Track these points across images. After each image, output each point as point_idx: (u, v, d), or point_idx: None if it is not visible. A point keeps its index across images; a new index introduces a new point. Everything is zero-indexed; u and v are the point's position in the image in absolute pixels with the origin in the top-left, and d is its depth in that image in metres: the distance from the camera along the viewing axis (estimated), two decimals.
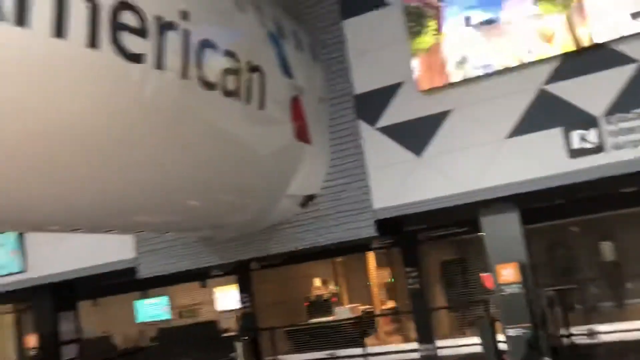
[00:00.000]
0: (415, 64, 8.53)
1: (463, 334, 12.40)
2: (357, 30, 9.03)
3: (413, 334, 12.50)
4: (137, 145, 5.80)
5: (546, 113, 7.83)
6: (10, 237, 12.20)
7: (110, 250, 11.01)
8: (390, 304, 14.92)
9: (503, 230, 8.59)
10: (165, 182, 6.66)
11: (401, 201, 8.62)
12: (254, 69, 7.07)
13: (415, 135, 8.57)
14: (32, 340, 13.70)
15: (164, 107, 5.74)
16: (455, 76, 8.33)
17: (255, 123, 7.43)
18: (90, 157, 5.40)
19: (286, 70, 7.93)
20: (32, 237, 12.04)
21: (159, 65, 5.43)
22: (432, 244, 12.50)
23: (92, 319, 16.96)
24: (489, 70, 8.14)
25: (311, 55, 8.97)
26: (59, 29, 4.42)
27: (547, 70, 7.89)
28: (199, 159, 6.83)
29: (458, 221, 11.34)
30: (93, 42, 4.71)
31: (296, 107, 8.32)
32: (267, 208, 8.95)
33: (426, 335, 11.92)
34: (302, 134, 8.49)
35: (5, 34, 4.12)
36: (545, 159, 7.80)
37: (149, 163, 6.12)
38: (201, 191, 7.55)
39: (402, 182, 8.63)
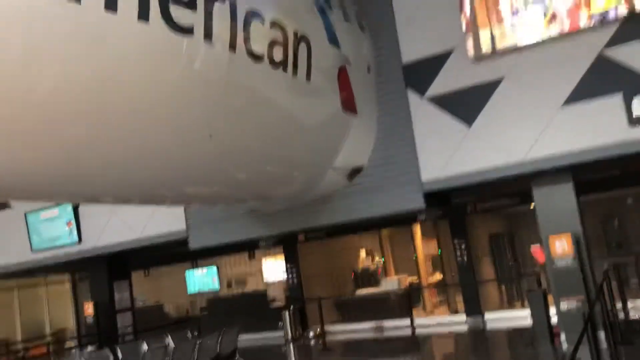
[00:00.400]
0: (467, 30, 8.26)
1: (511, 307, 12.25)
2: None
3: (460, 306, 12.43)
4: (186, 117, 5.84)
5: (605, 79, 7.48)
6: (67, 209, 12.64)
7: (161, 222, 11.30)
8: (437, 276, 14.84)
9: (556, 202, 8.35)
10: (214, 155, 6.70)
11: (450, 173, 8.47)
12: (301, 39, 6.97)
13: (466, 104, 8.35)
14: (89, 308, 14.28)
15: (212, 79, 5.75)
16: (509, 42, 8.02)
17: (301, 94, 7.37)
18: (142, 129, 5.47)
19: (333, 40, 7.80)
20: (87, 209, 12.45)
21: (208, 37, 5.41)
22: (481, 216, 12.31)
23: (144, 288, 17.56)
24: (545, 36, 7.81)
25: (358, 25, 8.80)
26: (110, 3, 4.45)
27: (606, 34, 7.51)
28: (246, 131, 6.83)
29: (508, 193, 11.11)
30: (143, 15, 4.72)
31: (343, 78, 8.20)
32: (314, 180, 8.94)
33: (474, 308, 11.83)
34: (349, 105, 8.38)
35: (59, 9, 4.17)
36: (604, 127, 7.49)
37: (198, 135, 6.16)
38: (248, 163, 7.58)
39: (452, 153, 8.46)
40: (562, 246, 8.14)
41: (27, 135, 4.57)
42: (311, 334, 12.95)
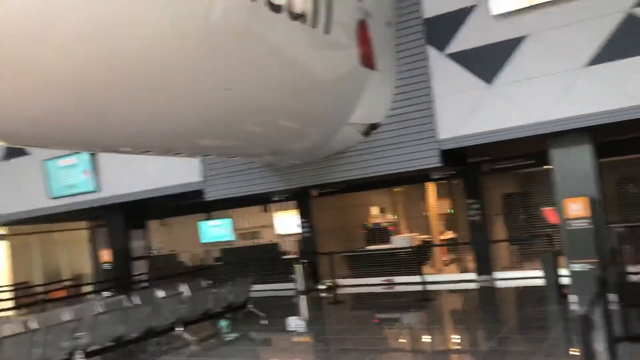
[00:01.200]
0: None
1: (523, 267, 12.33)
2: None
3: (471, 265, 12.54)
4: (204, 67, 5.80)
5: (634, 39, 7.28)
6: (84, 157, 12.78)
7: (178, 173, 11.40)
8: (449, 235, 14.93)
9: (574, 164, 8.28)
10: (230, 106, 6.69)
11: (468, 131, 8.40)
12: None
13: (487, 62, 8.20)
14: (105, 256, 14.62)
15: (231, 29, 5.67)
16: None
17: (320, 47, 7.27)
18: (160, 79, 5.45)
19: None
20: (104, 158, 12.58)
21: None
22: (495, 175, 12.26)
23: (160, 237, 17.89)
24: None
25: None
26: None
27: None
28: (262, 82, 6.79)
29: (525, 153, 11.02)
30: None
31: (362, 32, 8.07)
32: (330, 135, 8.92)
33: (485, 267, 11.93)
34: (367, 60, 8.27)
35: None
36: (629, 89, 7.34)
37: (215, 86, 6.14)
38: (265, 117, 7.57)
39: (470, 112, 8.37)
40: (577, 209, 8.11)
41: (53, 84, 4.59)
42: (322, 287, 13.20)
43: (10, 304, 13.32)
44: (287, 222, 15.33)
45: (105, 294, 12.56)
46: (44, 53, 4.30)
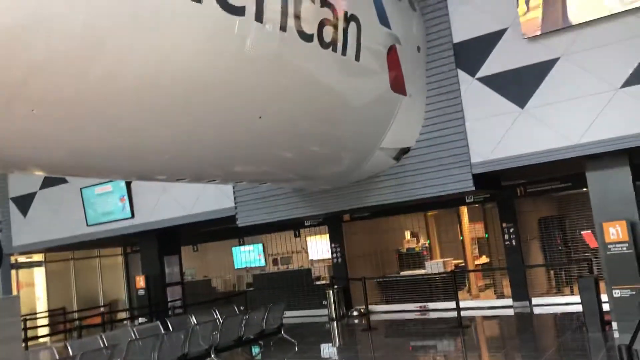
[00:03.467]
0: (521, 7, 8.00)
1: (560, 293, 12.01)
2: None
3: (506, 290, 12.27)
4: (236, 98, 5.93)
5: None
6: (120, 185, 13.06)
7: (211, 199, 11.54)
8: (484, 260, 14.67)
9: (612, 186, 8.09)
10: (263, 135, 6.79)
11: (501, 155, 8.31)
12: (351, 19, 6.92)
13: (519, 85, 8.14)
14: (140, 281, 14.80)
15: (263, 58, 5.79)
16: (565, 21, 7.74)
17: (351, 74, 7.35)
18: (196, 107, 5.59)
19: (383, 20, 7.71)
20: (139, 186, 12.83)
21: (259, 17, 5.44)
22: (531, 199, 12.05)
23: (193, 263, 18.05)
24: (602, 14, 7.49)
25: (409, 4, 8.66)
26: None
27: None
28: (295, 111, 6.88)
29: (561, 176, 10.83)
30: None
31: (392, 58, 8.11)
32: (361, 160, 8.93)
33: (521, 293, 11.66)
34: (397, 85, 8.30)
35: None
36: None
37: (248, 114, 6.24)
38: (297, 143, 7.65)
39: (503, 135, 8.29)
40: (616, 232, 7.90)
41: (93, 114, 4.75)
42: (355, 313, 13.06)
43: (47, 330, 13.55)
44: (319, 247, 15.30)
45: (140, 320, 12.68)
46: (84, 83, 4.46)
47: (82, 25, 4.15)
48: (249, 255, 16.05)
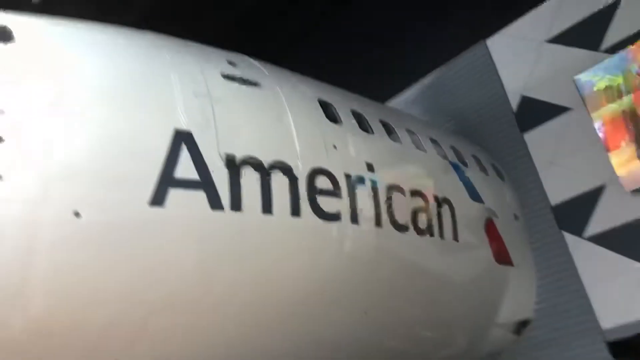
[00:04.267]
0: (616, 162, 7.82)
1: None
2: (540, 141, 8.69)
3: None
4: (340, 300, 5.94)
5: None
6: None
7: None
8: None
9: None
10: (370, 330, 6.65)
11: (637, 317, 7.54)
12: (443, 202, 7.05)
13: (636, 239, 7.64)
14: None
15: (362, 257, 5.91)
16: None
17: (452, 255, 7.28)
18: (298, 319, 5.61)
19: (474, 196, 7.80)
20: None
21: (354, 219, 5.67)
22: None
23: None
24: None
25: (497, 175, 8.77)
26: (267, 207, 4.90)
27: None
28: (400, 301, 6.78)
29: None
30: (295, 212, 5.11)
31: (491, 230, 8.02)
32: (477, 339, 8.41)
33: None
34: (502, 257, 8.07)
35: (224, 220, 4.67)
36: None
37: (353, 314, 6.20)
38: (405, 332, 7.38)
39: (633, 294, 7.60)
40: None
41: (205, 344, 4.92)
42: None
43: None
44: None
45: None
46: (196, 313, 4.69)
47: (195, 254, 4.51)
48: None
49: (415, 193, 6.69)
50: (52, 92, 4.23)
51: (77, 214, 3.91)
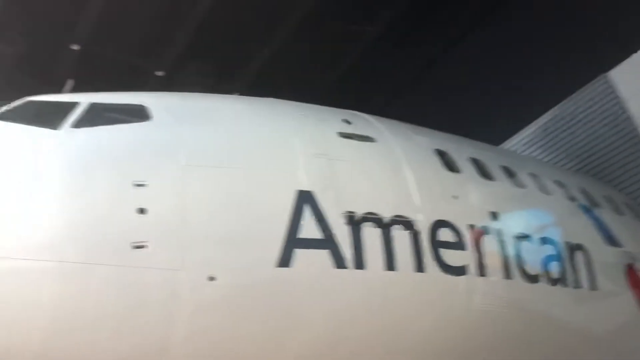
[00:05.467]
0: None
1: None
2: None
3: None
4: (468, 353, 5.64)
5: None
6: None
7: None
8: None
9: None
10: None
11: None
12: (575, 248, 6.56)
13: None
14: None
15: (492, 311, 5.60)
16: None
17: (589, 304, 6.70)
18: None
19: (610, 239, 7.19)
20: None
21: (482, 272, 5.42)
22: None
23: None
24: None
25: (634, 215, 8.06)
26: (390, 263, 4.83)
27: None
28: (536, 353, 6.32)
29: None
30: (419, 267, 4.99)
31: (633, 276, 7.33)
32: None
33: None
34: None
35: (348, 278, 4.66)
36: None
37: None
38: None
39: None
40: None
41: None
42: None
43: None
44: None
45: None
46: None
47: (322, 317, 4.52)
48: None
49: (545, 241, 6.30)
50: (183, 162, 4.55)
51: (211, 279, 4.09)
